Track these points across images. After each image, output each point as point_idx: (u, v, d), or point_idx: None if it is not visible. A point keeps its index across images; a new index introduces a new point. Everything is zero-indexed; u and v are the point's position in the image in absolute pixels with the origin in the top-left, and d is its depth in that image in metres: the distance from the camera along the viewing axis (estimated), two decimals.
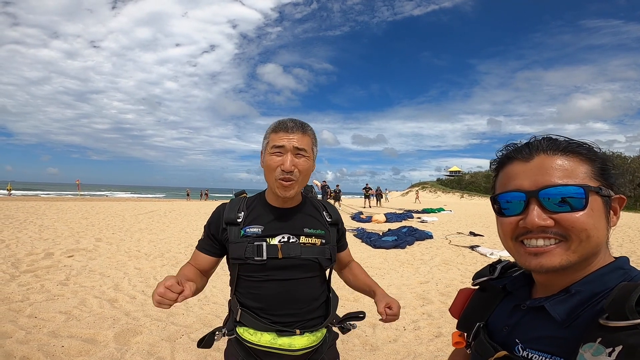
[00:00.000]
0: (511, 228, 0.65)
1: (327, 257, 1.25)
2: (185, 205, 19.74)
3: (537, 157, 0.63)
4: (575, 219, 0.58)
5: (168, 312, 3.46)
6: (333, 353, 1.36)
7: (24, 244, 6.31)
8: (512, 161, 0.67)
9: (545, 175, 0.61)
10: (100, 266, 5.13)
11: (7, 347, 2.57)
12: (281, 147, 1.15)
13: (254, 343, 1.17)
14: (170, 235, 8.34)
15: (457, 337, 0.83)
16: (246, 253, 1.17)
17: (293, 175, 1.15)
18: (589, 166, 0.62)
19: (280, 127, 1.18)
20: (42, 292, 3.86)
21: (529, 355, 0.62)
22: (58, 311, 3.33)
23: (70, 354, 2.57)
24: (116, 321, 3.17)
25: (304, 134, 1.19)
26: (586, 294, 0.60)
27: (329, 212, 1.34)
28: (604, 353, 0.49)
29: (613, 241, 8.03)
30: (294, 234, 1.22)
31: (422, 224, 12.47)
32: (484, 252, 6.91)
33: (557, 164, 0.61)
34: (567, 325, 0.59)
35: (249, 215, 1.24)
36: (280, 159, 1.15)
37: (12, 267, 4.78)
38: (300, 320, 1.22)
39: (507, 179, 0.66)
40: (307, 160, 1.19)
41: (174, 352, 2.67)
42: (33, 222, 9.34)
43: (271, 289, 1.20)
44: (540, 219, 0.60)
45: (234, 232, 1.21)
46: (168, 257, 5.95)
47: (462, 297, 0.86)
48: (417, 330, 3.26)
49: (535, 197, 0.61)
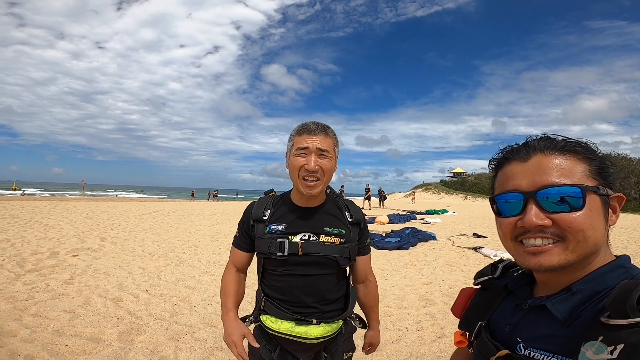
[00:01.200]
0: (510, 228, 0.65)
1: (346, 256, 1.31)
2: (189, 206, 19.81)
3: (534, 157, 0.63)
4: (573, 219, 0.58)
5: (171, 311, 3.48)
6: (349, 345, 1.45)
7: (29, 243, 6.36)
8: (510, 161, 0.67)
9: (542, 175, 0.61)
10: (105, 265, 5.17)
11: (12, 345, 2.59)
12: (305, 148, 1.23)
13: (274, 330, 1.28)
14: (174, 235, 8.38)
15: (459, 336, 0.83)
16: (269, 248, 1.27)
17: (317, 174, 1.23)
18: (586, 165, 0.62)
19: (303, 130, 1.25)
20: (47, 291, 3.89)
21: (531, 354, 0.62)
22: (63, 310, 3.35)
23: (74, 352, 2.58)
24: (120, 320, 3.19)
25: (326, 135, 1.26)
26: (587, 293, 0.60)
27: (350, 211, 1.39)
28: (606, 351, 0.49)
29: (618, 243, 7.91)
30: (315, 232, 1.29)
31: (425, 225, 12.43)
32: (487, 254, 6.89)
33: (555, 163, 0.61)
34: (569, 324, 0.59)
35: (274, 214, 1.33)
36: (305, 160, 1.23)
37: (17, 266, 4.83)
38: (318, 311, 1.30)
39: (505, 180, 0.67)
40: (330, 161, 1.26)
41: (177, 351, 2.68)
42: (38, 221, 9.42)
43: (291, 282, 1.29)
44: (538, 218, 0.60)
45: (260, 229, 1.31)
46: (172, 256, 5.98)
47: (463, 297, 0.86)
48: (420, 331, 3.25)
49: (533, 197, 0.61)
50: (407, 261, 6.31)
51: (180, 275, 4.86)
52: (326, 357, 1.35)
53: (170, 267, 5.27)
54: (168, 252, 6.30)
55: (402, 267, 5.87)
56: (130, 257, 5.82)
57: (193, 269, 5.24)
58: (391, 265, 6.00)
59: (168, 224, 10.60)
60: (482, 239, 8.92)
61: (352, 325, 1.43)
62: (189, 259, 5.89)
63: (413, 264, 6.10)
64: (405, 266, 5.92)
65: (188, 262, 5.67)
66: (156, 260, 5.66)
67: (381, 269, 5.65)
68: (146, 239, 7.57)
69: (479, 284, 0.84)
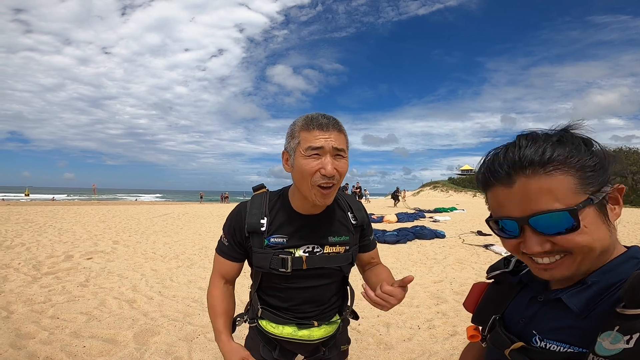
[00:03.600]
0: (514, 248, 0.66)
1: (349, 262, 1.24)
2: (197, 208, 19.97)
3: (518, 182, 0.59)
4: (571, 239, 0.58)
5: (185, 312, 3.53)
6: (344, 338, 1.42)
7: (44, 247, 6.49)
8: (495, 186, 0.64)
9: (530, 203, 0.58)
10: (118, 268, 5.25)
11: (31, 347, 2.65)
12: (319, 148, 1.01)
13: (276, 335, 1.22)
14: (184, 237, 8.47)
15: (472, 330, 0.83)
16: (271, 264, 1.13)
17: (334, 179, 1.03)
18: (575, 178, 0.57)
19: (313, 124, 1.03)
20: (63, 293, 3.97)
21: (547, 345, 0.63)
22: (79, 312, 3.42)
23: (91, 354, 2.64)
24: (135, 321, 3.25)
25: (340, 131, 1.06)
26: (602, 285, 0.61)
27: (354, 213, 1.26)
28: (622, 340, 0.50)
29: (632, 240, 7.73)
30: (319, 244, 1.17)
31: (434, 223, 12.37)
32: (498, 251, 6.82)
33: (540, 187, 0.58)
34: (585, 316, 0.60)
35: (272, 222, 1.16)
36: (319, 162, 1.02)
37: (33, 269, 4.93)
38: (318, 314, 1.26)
39: (496, 205, 0.65)
40: (346, 162, 1.07)
41: (191, 352, 2.72)
42: (52, 225, 9.60)
43: (293, 294, 1.21)
44: (538, 245, 0.60)
45: (257, 241, 1.15)
46: (183, 258, 6.05)
47: (476, 291, 0.86)
48: (432, 329, 3.24)
49: (527, 224, 0.60)
50: (416, 259, 6.29)
51: (191, 276, 4.91)
52: (324, 351, 1.32)
53: (182, 269, 5.33)
54: (179, 254, 6.37)
55: (411, 265, 5.85)
56: (143, 259, 5.91)
57: (204, 270, 5.29)
58: (401, 263, 5.98)
59: (178, 226, 10.72)
60: (492, 236, 8.84)
61: (347, 318, 1.40)
62: (199, 260, 5.95)
63: (423, 262, 6.08)
64: (415, 264, 5.90)
65: (199, 263, 5.72)
66: (168, 262, 5.73)
67: (391, 268, 5.60)
68: (157, 242, 7.67)
69: (491, 278, 0.84)
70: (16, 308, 3.44)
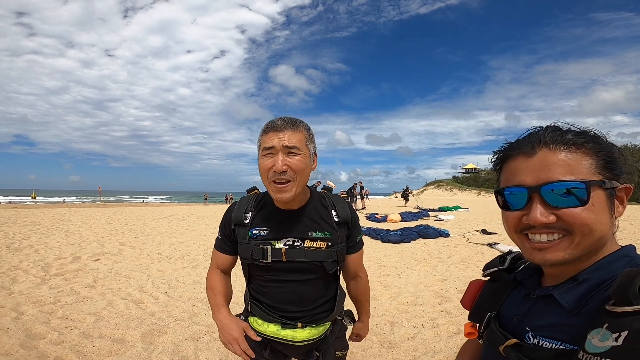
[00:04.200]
0: (515, 222, 0.67)
1: (333, 260, 1.25)
2: (202, 209, 20.07)
3: (539, 153, 0.63)
4: (577, 215, 0.59)
5: (191, 312, 3.57)
6: (342, 344, 1.42)
7: (52, 249, 6.57)
8: (515, 157, 0.67)
9: (547, 172, 0.61)
10: (125, 269, 5.31)
11: (41, 348, 2.70)
12: (271, 147, 1.12)
13: (261, 332, 1.27)
14: (189, 238, 8.53)
15: (469, 327, 0.85)
16: (252, 254, 1.21)
17: (287, 175, 1.11)
18: (592, 159, 0.61)
19: (269, 128, 1.14)
20: (72, 294, 4.03)
21: (539, 342, 0.64)
22: (88, 313, 3.48)
23: (100, 354, 2.68)
24: (142, 322, 3.30)
25: (294, 130, 1.13)
26: (594, 282, 0.62)
27: (337, 210, 1.29)
28: (611, 338, 0.51)
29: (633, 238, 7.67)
30: (299, 238, 1.22)
31: (438, 222, 12.34)
32: (503, 250, 6.81)
33: (560, 159, 0.61)
34: (576, 313, 0.61)
35: (256, 217, 1.26)
36: (272, 160, 1.11)
37: (42, 270, 5.01)
38: (305, 315, 1.27)
39: (511, 175, 0.67)
40: (301, 159, 1.13)
41: (197, 351, 2.76)
42: (59, 227, 9.70)
43: (276, 288, 1.26)
44: (543, 215, 0.61)
45: (241, 233, 1.25)
46: (188, 259, 6.10)
47: (473, 289, 0.88)
48: (436, 327, 3.26)
49: (538, 192, 0.61)
50: (420, 258, 6.29)
51: (197, 277, 4.96)
52: (318, 356, 1.33)
53: (188, 269, 5.39)
54: (185, 255, 6.43)
55: (416, 264, 5.86)
56: (149, 260, 5.97)
57: None
58: (405, 262, 5.99)
59: (183, 227, 10.78)
60: (497, 235, 8.82)
61: (343, 324, 1.41)
62: (205, 261, 6.00)
63: (427, 261, 6.08)
64: (419, 264, 5.91)
65: (204, 264, 5.77)
66: (174, 263, 5.78)
67: (395, 267, 5.65)
68: (163, 243, 7.73)
69: (487, 276, 0.86)
70: (26, 309, 3.51)
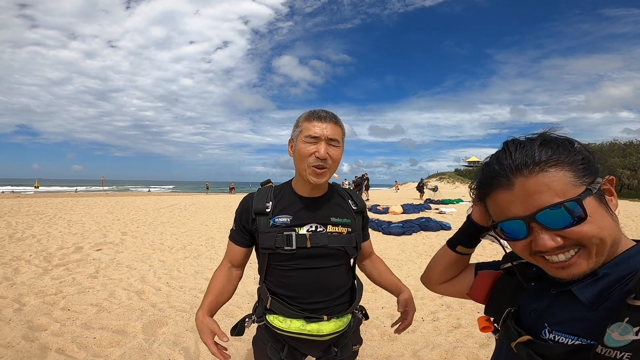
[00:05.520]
0: (525, 249, 0.66)
1: (354, 245, 1.29)
2: (204, 199, 20.13)
3: (517, 183, 0.62)
4: (581, 231, 0.59)
5: (192, 303, 3.59)
6: (357, 338, 1.43)
7: (54, 239, 6.61)
8: (495, 190, 0.66)
9: (533, 200, 0.60)
10: (127, 259, 5.34)
11: (43, 339, 2.71)
12: (315, 136, 1.19)
13: (284, 330, 1.23)
14: (191, 228, 8.56)
15: (484, 321, 0.83)
16: (276, 243, 1.21)
17: (326, 162, 1.19)
18: (569, 172, 0.60)
19: (313, 117, 1.21)
20: (74, 285, 4.06)
21: (555, 337, 0.63)
22: (89, 303, 3.50)
23: (102, 345, 2.70)
24: (144, 312, 3.31)
25: (336, 124, 1.22)
26: (614, 277, 0.61)
27: (354, 200, 1.37)
28: (632, 332, 0.51)
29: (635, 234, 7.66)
30: (322, 223, 1.25)
31: (440, 215, 12.33)
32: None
33: (540, 183, 0.60)
34: (595, 308, 0.60)
35: (277, 205, 1.27)
36: (315, 147, 1.19)
37: (44, 261, 5.04)
38: (327, 306, 1.27)
39: (499, 210, 0.66)
40: (340, 151, 1.24)
41: (198, 342, 2.77)
42: (62, 217, 9.76)
43: (300, 277, 1.24)
44: (551, 240, 0.60)
45: (263, 222, 1.24)
46: (190, 249, 6.12)
47: (485, 281, 0.86)
48: (436, 321, 3.27)
49: (534, 220, 0.61)
50: (422, 251, 6.30)
51: (198, 267, 4.98)
52: (336, 352, 1.32)
53: (189, 260, 5.41)
54: (186, 245, 6.45)
55: (417, 257, 5.87)
56: (151, 250, 6.00)
57: (211, 261, 5.36)
58: (406, 255, 6.00)
59: (185, 217, 10.83)
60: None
61: (358, 317, 1.42)
62: (206, 251, 6.03)
63: (428, 254, 6.08)
64: (420, 257, 5.91)
65: (206, 254, 5.80)
66: (175, 253, 5.81)
67: (396, 259, 5.66)
68: (165, 233, 7.77)
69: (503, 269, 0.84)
70: (28, 300, 3.53)
